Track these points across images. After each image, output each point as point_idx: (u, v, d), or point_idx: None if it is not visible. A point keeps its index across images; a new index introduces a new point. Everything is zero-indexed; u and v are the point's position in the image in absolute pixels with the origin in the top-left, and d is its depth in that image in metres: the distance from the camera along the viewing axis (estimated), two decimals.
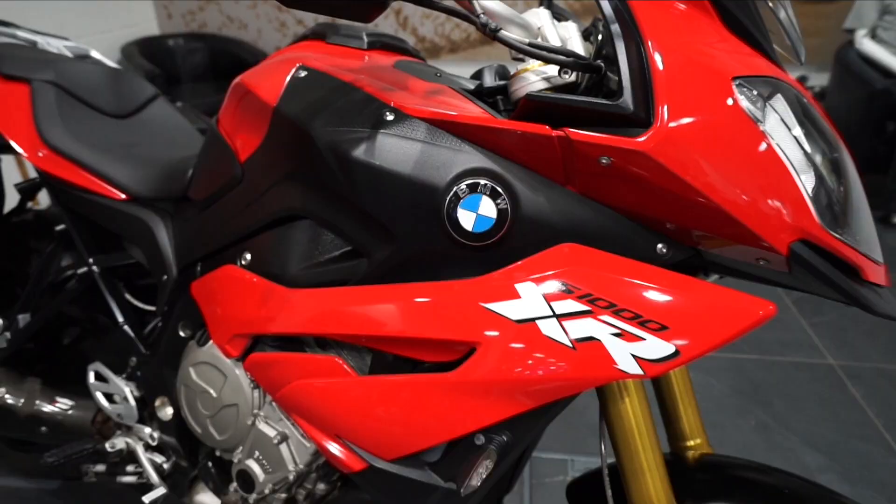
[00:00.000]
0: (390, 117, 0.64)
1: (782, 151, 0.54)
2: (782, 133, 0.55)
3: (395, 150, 0.63)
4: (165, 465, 1.05)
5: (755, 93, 0.55)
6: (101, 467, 1.10)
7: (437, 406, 0.62)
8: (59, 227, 1.11)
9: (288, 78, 0.74)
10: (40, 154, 1.04)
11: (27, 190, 1.17)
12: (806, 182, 0.55)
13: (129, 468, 1.08)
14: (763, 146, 0.53)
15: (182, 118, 1.30)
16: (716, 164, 0.53)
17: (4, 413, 1.09)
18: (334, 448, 0.69)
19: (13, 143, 1.04)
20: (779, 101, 0.56)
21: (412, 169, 0.62)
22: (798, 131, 0.57)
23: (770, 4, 0.63)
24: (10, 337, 1.09)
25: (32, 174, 1.12)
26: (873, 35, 2.86)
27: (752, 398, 1.69)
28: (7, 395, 1.09)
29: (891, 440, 1.54)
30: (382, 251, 0.66)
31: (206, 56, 3.53)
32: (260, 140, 0.78)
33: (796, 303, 2.14)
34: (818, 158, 0.57)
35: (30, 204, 1.30)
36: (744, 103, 0.54)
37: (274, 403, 0.84)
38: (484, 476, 0.62)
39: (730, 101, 0.54)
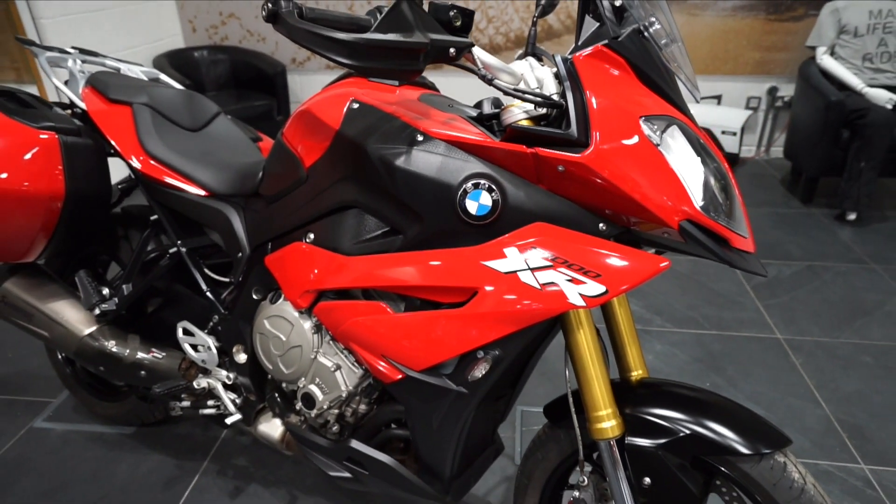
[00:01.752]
0: (420, 138, 0.95)
1: (671, 162, 0.85)
2: (673, 151, 0.86)
3: (424, 160, 0.94)
4: (238, 400, 1.36)
5: (654, 125, 0.85)
6: (186, 403, 1.41)
7: (451, 331, 0.93)
8: (153, 217, 1.42)
9: (345, 109, 1.05)
10: (142, 160, 1.34)
11: (125, 189, 1.48)
12: (689, 182, 0.86)
13: (209, 403, 1.39)
14: (658, 159, 0.84)
15: (239, 130, 1.61)
16: (629, 170, 0.84)
17: (114, 360, 1.40)
18: (380, 365, 1.01)
19: (122, 153, 1.35)
20: (671, 130, 0.87)
21: (435, 173, 0.93)
22: (685, 149, 0.87)
23: (671, 67, 0.94)
24: (117, 302, 1.41)
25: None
26: (832, 52, 3.18)
27: (709, 365, 2.00)
28: (115, 347, 1.40)
29: (819, 398, 1.85)
30: (414, 229, 0.97)
31: (228, 66, 3.84)
32: (322, 152, 1.09)
33: (754, 288, 2.45)
34: (700, 167, 0.88)
35: None
36: (646, 132, 0.84)
37: (329, 342, 1.15)
38: (483, 374, 0.93)
39: (637, 131, 0.84)
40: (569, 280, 0.86)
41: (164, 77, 1.70)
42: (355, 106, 1.05)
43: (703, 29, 3.71)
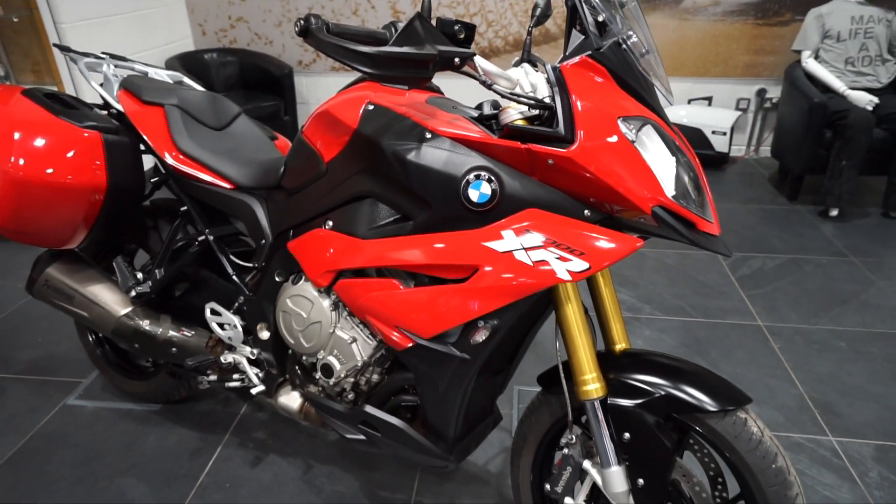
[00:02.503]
0: (429, 136, 1.09)
1: (645, 157, 0.98)
2: (647, 147, 1.00)
3: (432, 155, 1.08)
4: (260, 374, 1.50)
5: (630, 125, 0.99)
6: (213, 377, 1.55)
7: (455, 303, 1.07)
8: (182, 209, 1.55)
9: (361, 110, 1.19)
10: (174, 156, 1.48)
11: (158, 182, 1.61)
12: (661, 173, 0.99)
13: (234, 377, 1.53)
14: (633, 154, 0.98)
15: (257, 129, 1.75)
16: (608, 163, 0.98)
17: (148, 338, 1.54)
18: (394, 334, 1.15)
19: (156, 149, 1.49)
20: (646, 129, 1.01)
21: (442, 166, 1.07)
22: (658, 146, 1.01)
23: (647, 75, 1.07)
24: (150, 285, 1.55)
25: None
26: (816, 56, 3.32)
27: (694, 349, 2.14)
28: (149, 326, 1.54)
29: (795, 378, 1.99)
30: (422, 215, 1.11)
31: (237, 68, 3.98)
32: (341, 148, 1.23)
33: (739, 279, 2.60)
34: (672, 161, 1.02)
35: None
36: (623, 130, 0.98)
37: (346, 317, 1.29)
38: (483, 340, 1.07)
39: (615, 130, 0.98)
40: (557, 258, 1.00)
41: (187, 80, 1.84)
42: (371, 108, 1.19)
43: (694, 33, 3.85)
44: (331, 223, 1.26)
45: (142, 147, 1.57)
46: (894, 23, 3.20)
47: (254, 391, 1.46)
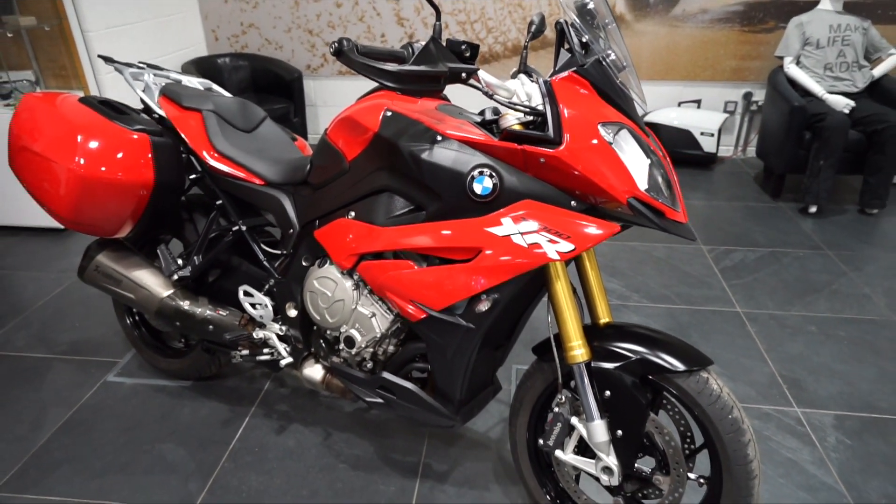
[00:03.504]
0: (439, 138, 1.28)
1: (621, 156, 1.18)
2: (623, 148, 1.19)
3: (442, 154, 1.27)
4: (288, 349, 1.69)
5: (609, 129, 1.18)
6: (245, 352, 1.75)
7: (462, 280, 1.27)
8: (218, 202, 1.75)
9: (381, 116, 1.39)
10: (212, 156, 1.68)
11: (195, 180, 1.81)
12: (634, 170, 1.19)
13: (265, 351, 1.73)
14: (611, 154, 1.17)
15: (281, 131, 1.94)
16: (590, 161, 1.17)
17: (188, 317, 1.73)
18: (409, 307, 1.34)
19: (196, 150, 1.68)
20: (622, 133, 1.20)
21: (451, 164, 1.26)
22: (633, 147, 1.21)
23: (625, 88, 1.27)
24: (190, 270, 1.74)
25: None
26: (798, 62, 3.52)
27: (677, 333, 2.34)
28: (188, 306, 1.73)
29: (767, 358, 2.19)
30: (433, 206, 1.30)
31: (249, 72, 4.17)
32: (362, 148, 1.42)
33: (721, 271, 2.79)
34: (644, 160, 1.21)
35: None
36: (603, 134, 1.17)
37: (366, 295, 1.49)
38: (486, 309, 1.27)
39: (596, 134, 1.17)
40: (548, 241, 1.20)
41: (215, 87, 2.03)
42: (389, 114, 1.38)
43: (683, 39, 4.05)
44: (353, 213, 1.45)
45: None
46: (870, 31, 3.40)
47: (282, 363, 1.66)
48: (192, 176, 1.76)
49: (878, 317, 2.44)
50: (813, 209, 3.36)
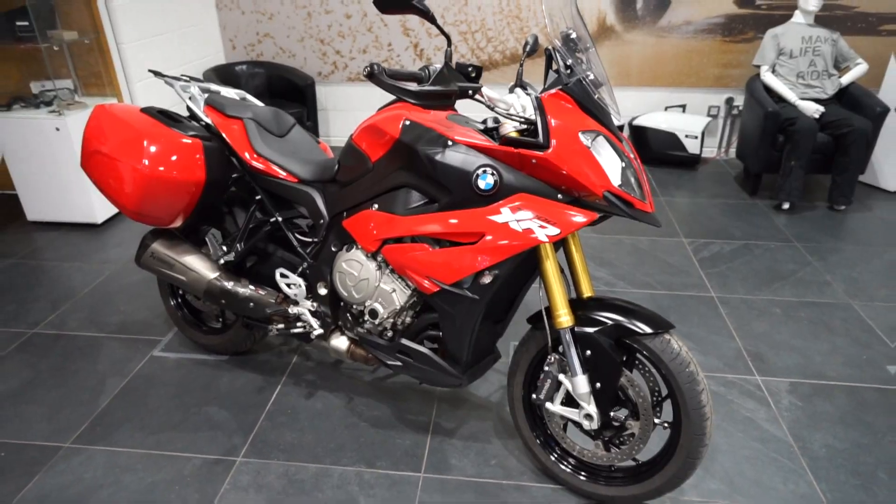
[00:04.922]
0: (450, 144, 1.57)
1: (598, 158, 1.46)
2: (600, 151, 1.47)
3: (453, 157, 1.55)
4: (318, 323, 1.98)
5: (587, 136, 1.47)
6: (281, 325, 2.03)
7: (469, 259, 1.55)
8: (257, 197, 2.03)
9: (401, 124, 1.67)
10: (253, 157, 1.96)
11: (236, 179, 2.09)
12: (609, 170, 1.47)
13: (298, 324, 2.01)
14: (589, 156, 1.46)
15: (308, 135, 2.23)
16: (573, 162, 1.45)
17: (232, 296, 2.02)
18: (425, 282, 1.63)
19: (239, 153, 1.96)
20: (599, 139, 1.48)
21: (460, 164, 1.55)
22: (608, 151, 1.49)
23: (603, 103, 1.55)
24: (234, 255, 2.02)
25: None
26: (773, 70, 3.81)
27: None
28: (232, 287, 2.02)
29: (735, 336, 2.48)
30: (445, 199, 1.59)
31: (265, 79, 4.46)
32: (385, 151, 1.70)
33: (699, 261, 3.08)
34: (618, 161, 1.50)
35: None
36: (582, 140, 1.46)
37: (388, 274, 1.77)
38: (488, 282, 1.56)
39: (576, 139, 1.46)
40: (539, 226, 1.48)
41: (249, 97, 2.32)
42: (407, 123, 1.67)
43: (669, 48, 4.35)
44: (376, 206, 1.73)
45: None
46: (839, 42, 3.70)
47: (313, 335, 1.94)
48: (234, 175, 2.05)
49: (835, 300, 2.73)
50: (786, 206, 3.65)
